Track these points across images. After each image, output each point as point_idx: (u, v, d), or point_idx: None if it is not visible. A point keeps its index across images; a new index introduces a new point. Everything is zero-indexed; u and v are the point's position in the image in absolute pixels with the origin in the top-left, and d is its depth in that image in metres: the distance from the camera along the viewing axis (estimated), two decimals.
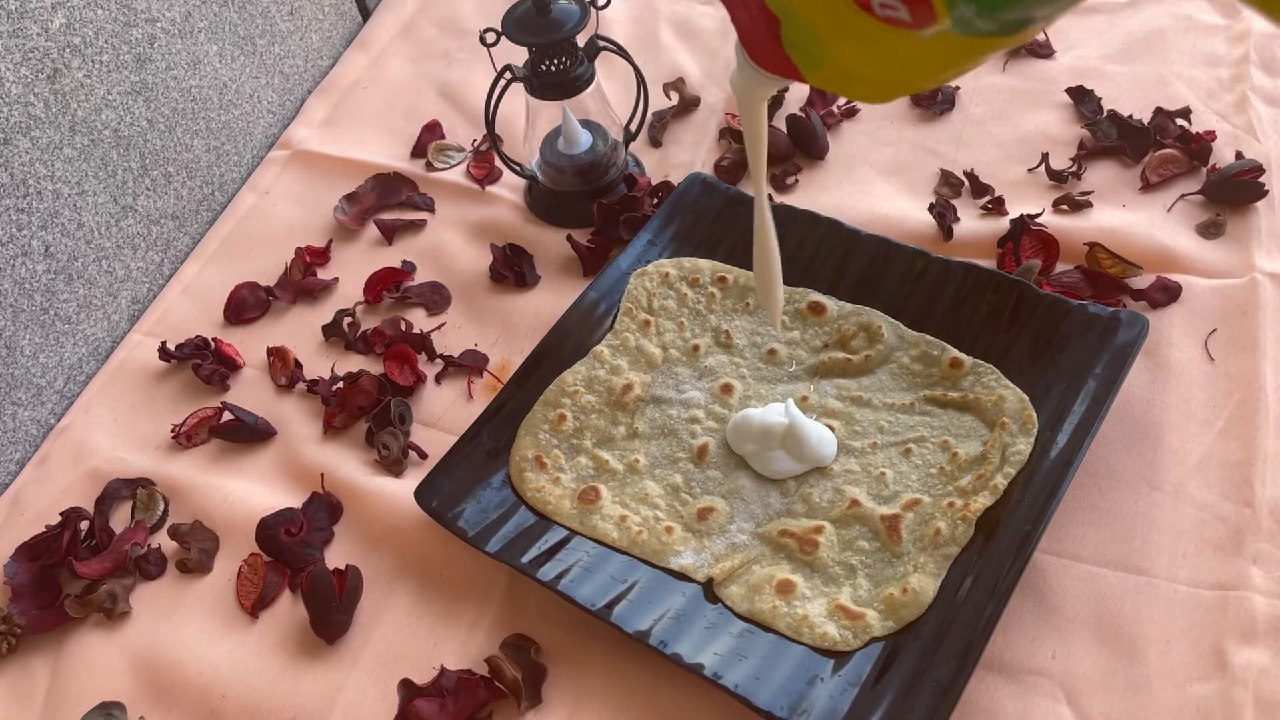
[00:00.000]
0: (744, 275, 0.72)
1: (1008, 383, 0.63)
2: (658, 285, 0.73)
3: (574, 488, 0.64)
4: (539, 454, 0.66)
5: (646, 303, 0.72)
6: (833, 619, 0.57)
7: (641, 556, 0.61)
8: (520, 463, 0.66)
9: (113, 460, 0.72)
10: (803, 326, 0.70)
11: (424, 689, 0.58)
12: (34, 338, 0.74)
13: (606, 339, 0.71)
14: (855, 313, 0.69)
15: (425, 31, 1.03)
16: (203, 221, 0.88)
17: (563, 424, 0.67)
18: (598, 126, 0.82)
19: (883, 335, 0.67)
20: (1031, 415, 0.61)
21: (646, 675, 0.57)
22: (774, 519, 0.62)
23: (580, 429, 0.67)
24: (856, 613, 0.57)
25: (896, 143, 0.84)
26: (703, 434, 0.66)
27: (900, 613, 0.56)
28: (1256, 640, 0.55)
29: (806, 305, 0.70)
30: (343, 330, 0.77)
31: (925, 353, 0.66)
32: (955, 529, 0.58)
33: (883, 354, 0.67)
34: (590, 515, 0.63)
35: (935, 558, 0.58)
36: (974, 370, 0.65)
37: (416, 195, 0.87)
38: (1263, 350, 0.66)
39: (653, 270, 0.73)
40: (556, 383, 0.68)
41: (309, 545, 0.66)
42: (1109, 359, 0.62)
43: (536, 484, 0.65)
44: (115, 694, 0.61)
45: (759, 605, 0.58)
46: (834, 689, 0.54)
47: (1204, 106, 0.80)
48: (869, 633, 0.56)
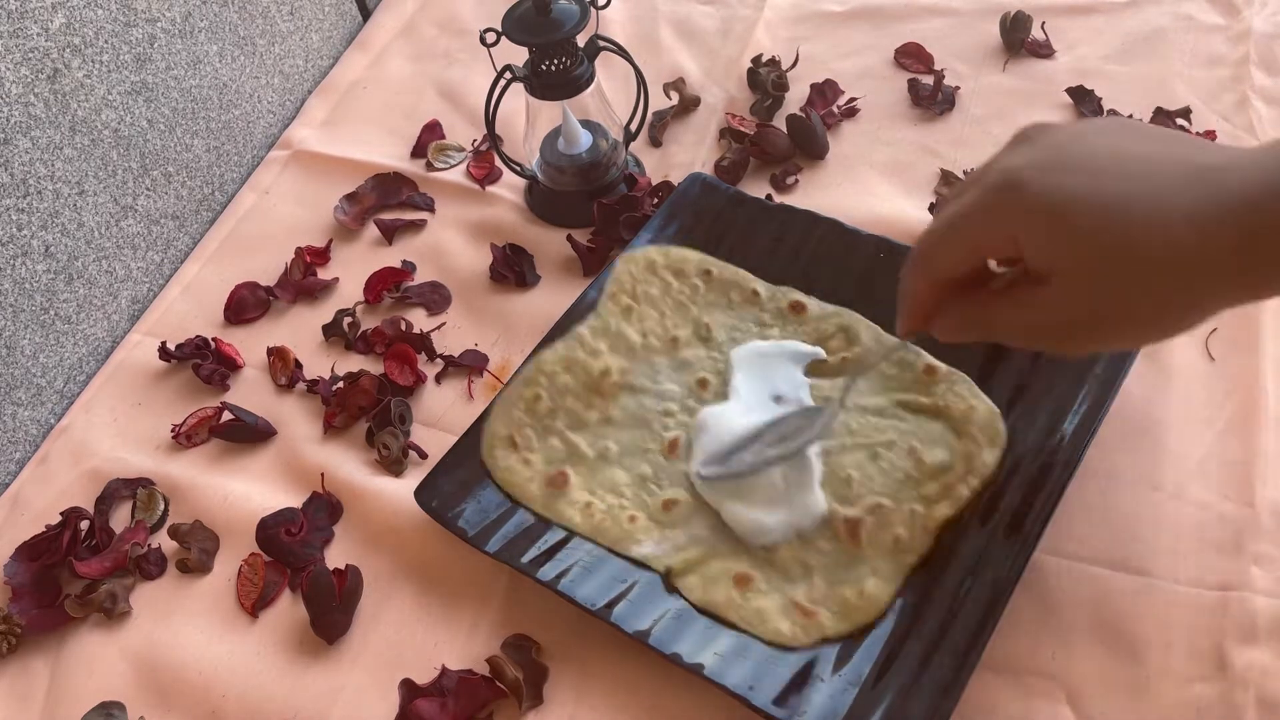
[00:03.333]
0: (729, 270, 0.72)
1: (979, 393, 0.63)
2: (643, 271, 0.73)
3: (544, 470, 0.64)
4: (511, 432, 0.66)
5: (631, 288, 0.72)
6: (786, 615, 0.57)
7: (603, 543, 0.61)
8: (492, 439, 0.66)
9: (113, 460, 0.72)
10: (782, 325, 0.70)
11: (425, 689, 0.58)
12: (34, 338, 0.74)
13: (588, 320, 0.71)
14: (836, 314, 0.69)
15: (425, 31, 1.03)
16: (203, 221, 0.88)
17: (537, 403, 0.67)
18: (598, 126, 0.82)
19: (860, 338, 0.67)
20: (1000, 429, 0.61)
21: (648, 675, 0.57)
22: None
23: (554, 410, 0.67)
24: (810, 610, 0.57)
25: (897, 143, 0.84)
26: (674, 427, 0.66)
27: (853, 615, 0.57)
28: (1257, 641, 0.55)
29: (788, 304, 0.70)
30: (343, 330, 0.77)
31: (902, 357, 0.66)
32: (915, 537, 0.58)
33: (860, 356, 0.67)
34: (556, 499, 0.63)
35: (893, 564, 0.58)
36: (948, 379, 0.64)
37: (416, 195, 0.87)
38: (1263, 350, 0.66)
39: (640, 256, 0.73)
40: (535, 361, 0.69)
41: (309, 545, 0.66)
42: (1109, 359, 0.62)
43: (506, 463, 0.65)
44: (115, 694, 0.61)
45: (714, 596, 0.58)
46: (834, 689, 0.54)
47: (1204, 106, 0.80)
48: (821, 631, 0.56)
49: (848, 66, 0.90)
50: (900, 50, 0.90)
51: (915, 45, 0.90)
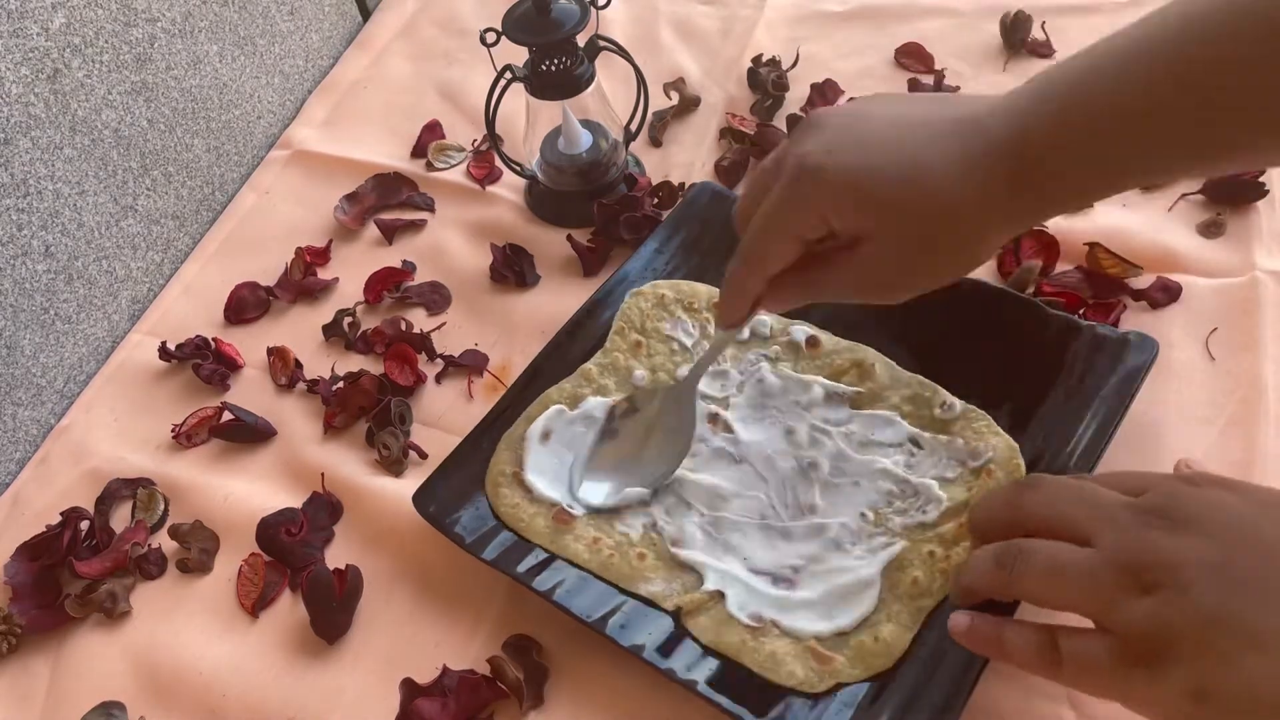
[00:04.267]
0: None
1: (998, 429, 0.62)
2: (652, 306, 0.71)
3: (549, 506, 0.63)
4: (518, 469, 0.64)
5: (640, 323, 0.70)
6: (800, 660, 0.55)
7: (611, 580, 0.60)
8: (497, 477, 0.64)
9: (113, 460, 0.72)
10: (795, 360, 0.68)
11: (425, 689, 0.58)
12: (34, 337, 0.74)
13: (596, 357, 0.69)
14: (850, 349, 0.67)
15: (425, 31, 1.03)
16: (203, 221, 0.88)
17: (545, 441, 0.66)
18: (598, 126, 0.82)
19: (875, 373, 0.66)
20: (1019, 464, 0.60)
21: (648, 678, 0.57)
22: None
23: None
24: (826, 656, 0.55)
25: None
26: (685, 464, 0.64)
27: (870, 661, 0.55)
28: None
29: (805, 341, 0.68)
30: (343, 330, 0.77)
31: (917, 394, 0.64)
32: (933, 580, 0.57)
33: (874, 392, 0.65)
34: (562, 535, 0.61)
35: (910, 609, 0.56)
36: (965, 415, 0.63)
37: (416, 195, 0.87)
38: (1264, 349, 0.65)
39: (649, 291, 0.72)
40: (541, 399, 0.67)
41: (309, 545, 0.66)
42: (1118, 382, 0.61)
43: (511, 500, 0.63)
44: (115, 694, 0.61)
45: (727, 638, 0.57)
46: (831, 708, 0.54)
47: None
48: (836, 678, 0.55)
49: (848, 66, 0.90)
50: (900, 50, 0.90)
51: (915, 45, 0.90)
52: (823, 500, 0.61)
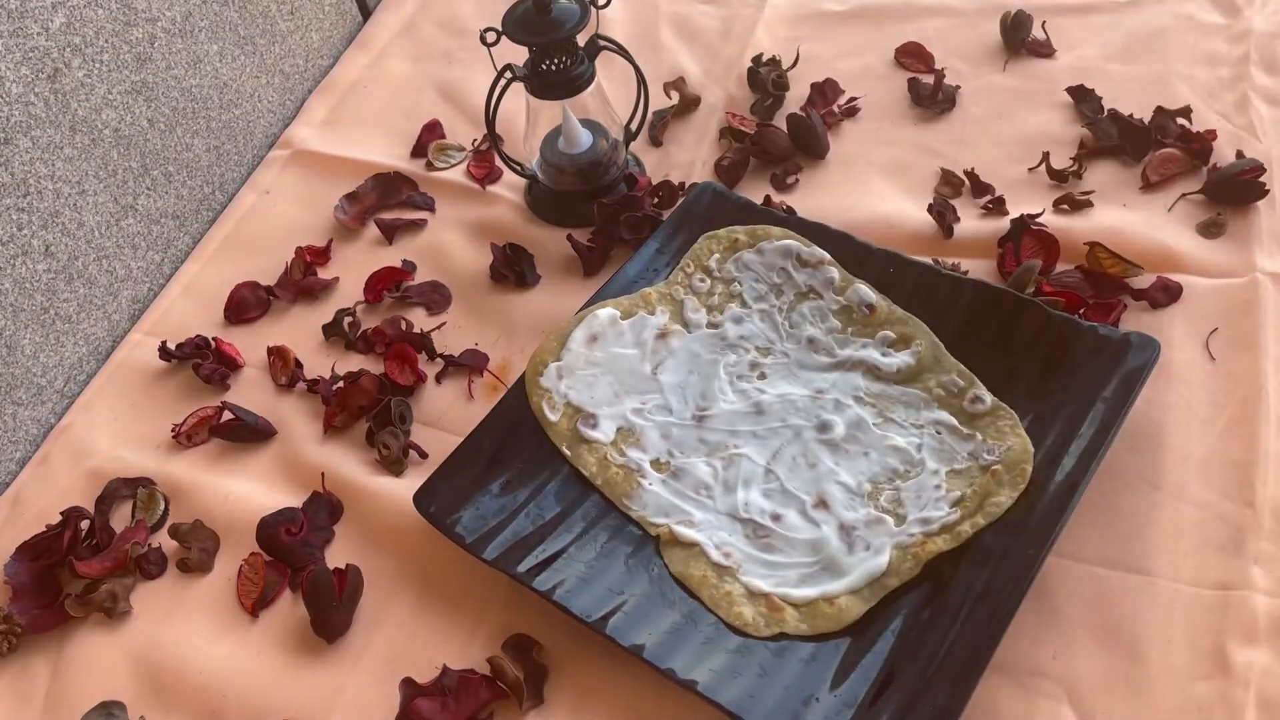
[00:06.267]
0: (815, 254, 0.71)
1: (1021, 431, 0.62)
2: (724, 249, 0.73)
3: (575, 412, 0.66)
4: (558, 361, 0.68)
5: (707, 264, 0.73)
6: (753, 603, 0.58)
7: (608, 495, 0.63)
8: (539, 364, 0.68)
9: (113, 460, 0.72)
10: (847, 320, 0.69)
11: (425, 688, 0.58)
12: (34, 337, 0.74)
13: (658, 285, 0.72)
14: (903, 322, 0.68)
15: (425, 31, 1.03)
16: (203, 221, 0.88)
17: (591, 345, 0.68)
18: (598, 126, 0.82)
19: (921, 352, 0.66)
20: (1027, 470, 0.60)
21: (648, 678, 0.57)
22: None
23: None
24: (777, 605, 0.58)
25: (897, 142, 0.84)
26: (714, 396, 0.67)
27: (817, 621, 0.57)
28: (1258, 640, 0.55)
29: (861, 302, 0.69)
30: (343, 330, 0.77)
31: (954, 381, 0.65)
32: (903, 562, 0.58)
33: (913, 370, 0.66)
34: (579, 444, 0.65)
35: (872, 584, 0.58)
36: (994, 411, 0.63)
37: (417, 195, 0.87)
38: (1264, 350, 0.66)
39: (724, 234, 0.74)
40: (598, 305, 0.70)
41: (309, 545, 0.66)
42: (1119, 383, 0.61)
43: (549, 383, 0.67)
44: (115, 693, 0.61)
45: (691, 570, 0.60)
46: (829, 709, 0.54)
47: (1204, 106, 0.80)
48: (781, 627, 0.57)
49: (848, 66, 0.90)
50: (901, 50, 0.90)
51: (915, 45, 0.90)
52: (830, 461, 0.63)
